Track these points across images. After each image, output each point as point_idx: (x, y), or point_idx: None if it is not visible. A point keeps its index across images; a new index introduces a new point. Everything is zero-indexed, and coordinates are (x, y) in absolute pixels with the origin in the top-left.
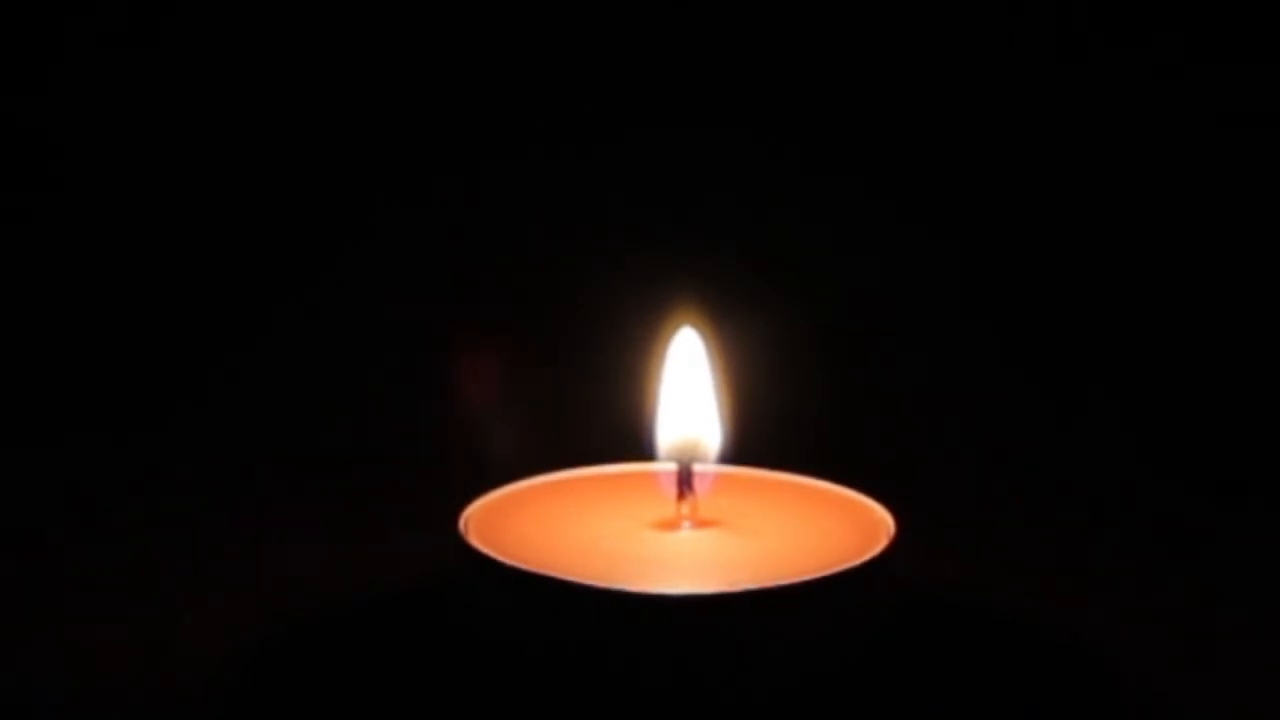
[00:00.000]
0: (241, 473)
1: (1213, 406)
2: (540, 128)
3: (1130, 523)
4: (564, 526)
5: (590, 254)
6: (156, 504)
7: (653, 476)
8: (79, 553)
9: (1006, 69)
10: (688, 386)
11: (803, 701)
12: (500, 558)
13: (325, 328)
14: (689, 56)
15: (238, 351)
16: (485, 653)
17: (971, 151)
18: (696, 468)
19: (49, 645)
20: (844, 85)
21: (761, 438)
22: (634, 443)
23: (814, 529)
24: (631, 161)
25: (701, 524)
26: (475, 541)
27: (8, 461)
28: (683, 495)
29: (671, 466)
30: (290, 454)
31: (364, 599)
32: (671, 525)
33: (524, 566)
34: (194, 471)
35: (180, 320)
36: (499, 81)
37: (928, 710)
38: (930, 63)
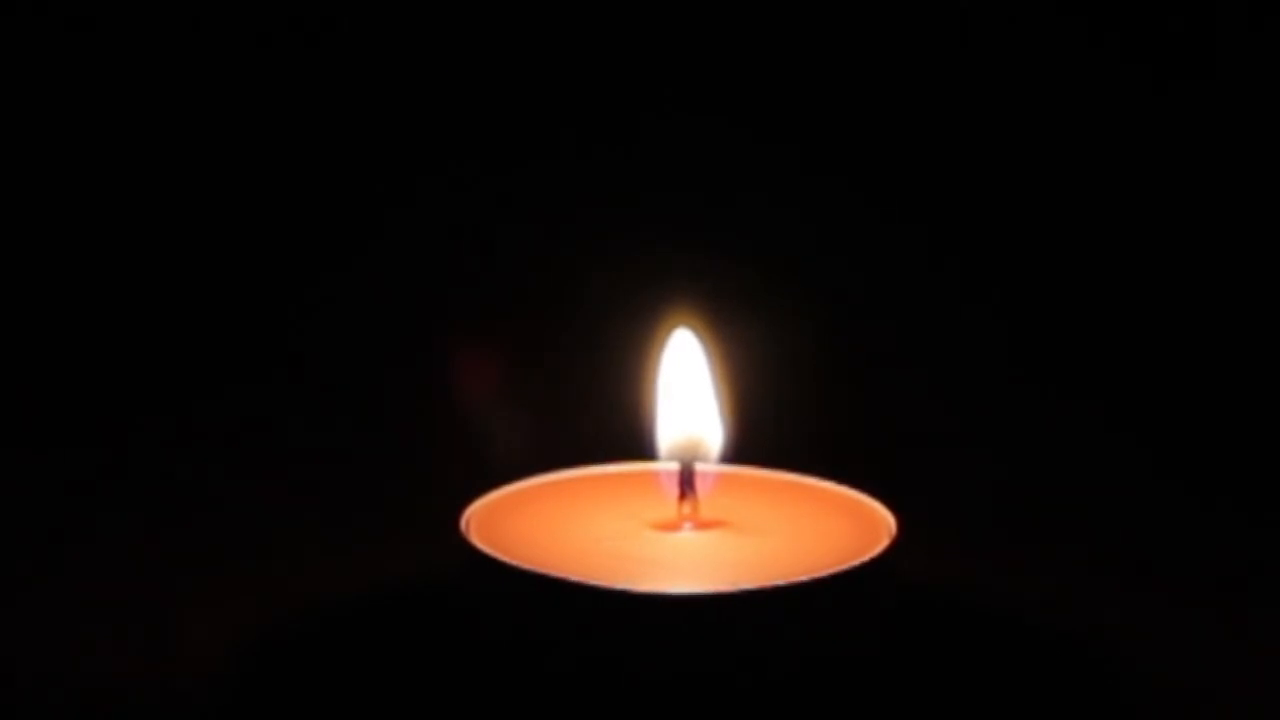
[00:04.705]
0: (241, 472)
1: (1214, 406)
2: (539, 128)
3: (1131, 523)
4: (565, 526)
5: (591, 254)
6: (156, 504)
7: (654, 476)
8: (78, 552)
9: (1006, 69)
10: (689, 386)
11: (803, 701)
12: (501, 557)
13: (325, 328)
14: (688, 57)
15: (238, 351)
16: (485, 653)
17: (972, 151)
18: (698, 467)
19: (50, 645)
20: (843, 85)
21: (763, 437)
22: (635, 443)
23: (815, 529)
24: (631, 161)
25: (703, 524)
26: (476, 541)
27: (7, 462)
28: (684, 495)
29: (673, 466)
30: (290, 454)
31: (364, 599)
32: (673, 525)
33: (525, 566)
34: (193, 471)
35: (179, 320)
36: (498, 82)
37: (928, 710)
38: (930, 63)
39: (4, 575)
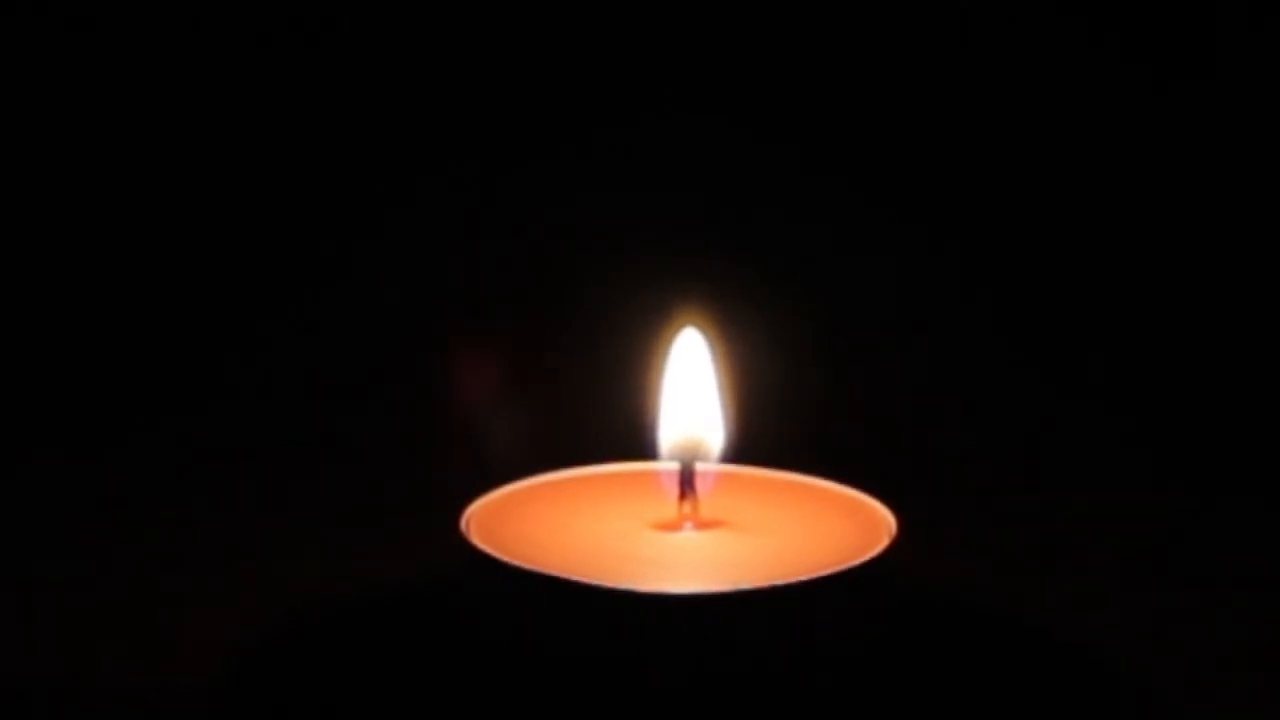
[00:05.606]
0: (242, 472)
1: (1215, 405)
2: (540, 127)
3: (1130, 522)
4: (566, 526)
5: (592, 253)
6: (156, 504)
7: (654, 476)
8: (79, 553)
9: (1006, 69)
10: (690, 386)
11: (803, 700)
12: (502, 557)
13: (325, 328)
14: (688, 56)
15: (238, 352)
16: (485, 653)
17: (973, 152)
18: (698, 467)
19: (49, 645)
20: (843, 85)
21: (763, 437)
22: (635, 442)
23: (816, 528)
24: (632, 161)
25: (703, 524)
26: (477, 541)
27: (8, 463)
28: (684, 495)
29: (673, 466)
30: (291, 454)
31: (364, 599)
32: (673, 525)
33: (525, 566)
34: (193, 471)
35: (179, 320)
36: (498, 81)
37: (927, 710)
38: (930, 63)
39: (4, 576)
